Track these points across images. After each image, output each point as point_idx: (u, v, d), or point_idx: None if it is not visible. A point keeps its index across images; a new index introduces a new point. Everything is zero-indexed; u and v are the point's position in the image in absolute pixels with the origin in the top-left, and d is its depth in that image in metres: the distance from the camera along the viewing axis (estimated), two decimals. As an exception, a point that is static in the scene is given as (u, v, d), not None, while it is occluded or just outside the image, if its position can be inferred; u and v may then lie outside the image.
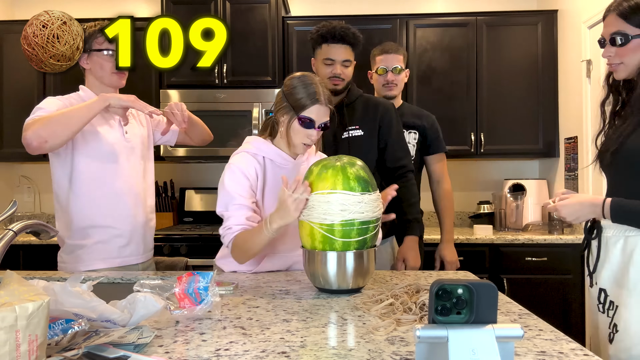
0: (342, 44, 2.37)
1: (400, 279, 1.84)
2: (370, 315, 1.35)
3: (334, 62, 2.38)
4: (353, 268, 1.59)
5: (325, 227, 1.57)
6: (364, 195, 1.57)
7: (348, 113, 2.43)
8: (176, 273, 1.98)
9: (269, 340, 1.15)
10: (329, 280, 1.60)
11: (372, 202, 1.59)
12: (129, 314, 1.18)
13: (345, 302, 1.50)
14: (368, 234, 1.59)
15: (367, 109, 2.45)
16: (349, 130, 2.42)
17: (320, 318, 1.34)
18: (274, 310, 1.41)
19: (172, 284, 1.35)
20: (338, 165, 1.61)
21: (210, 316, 1.34)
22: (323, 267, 1.59)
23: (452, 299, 0.93)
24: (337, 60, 2.37)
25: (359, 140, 2.40)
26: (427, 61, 3.90)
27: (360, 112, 2.45)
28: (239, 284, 1.75)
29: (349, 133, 2.41)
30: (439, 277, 1.85)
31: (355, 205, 1.56)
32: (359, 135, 2.41)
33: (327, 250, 1.58)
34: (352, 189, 1.57)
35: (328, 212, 1.56)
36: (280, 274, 1.91)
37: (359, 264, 1.59)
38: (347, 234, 1.56)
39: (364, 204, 1.57)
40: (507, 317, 1.34)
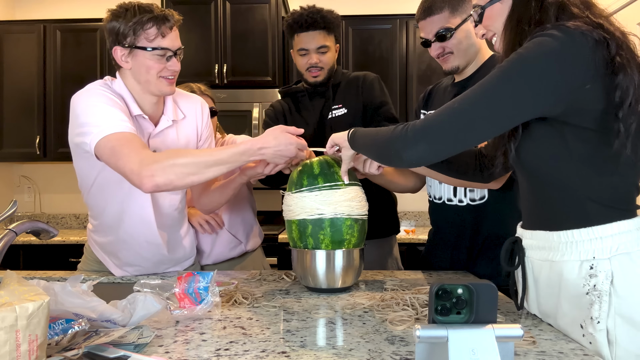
0: (313, 30, 2.25)
1: (400, 277, 1.84)
2: (372, 314, 1.35)
3: (308, 51, 2.27)
4: (341, 267, 1.60)
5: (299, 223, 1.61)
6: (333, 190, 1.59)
7: (333, 93, 2.37)
8: (176, 273, 1.98)
9: (269, 340, 1.15)
10: (318, 280, 1.61)
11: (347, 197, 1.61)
12: (129, 314, 1.18)
13: (346, 301, 1.50)
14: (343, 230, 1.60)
15: (350, 84, 2.38)
16: (332, 110, 2.35)
17: (321, 318, 1.34)
18: (274, 310, 1.41)
19: (172, 284, 1.35)
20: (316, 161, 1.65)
21: (210, 316, 1.34)
22: (312, 265, 1.60)
23: (452, 299, 0.93)
24: (311, 49, 2.27)
25: (342, 119, 2.33)
26: (427, 61, 3.90)
27: (344, 89, 2.38)
28: (239, 283, 1.75)
29: (332, 113, 2.35)
30: (439, 277, 1.85)
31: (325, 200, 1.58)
32: (342, 114, 2.34)
33: (307, 248, 1.61)
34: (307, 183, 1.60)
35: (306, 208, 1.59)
36: (281, 273, 1.91)
37: (349, 262, 1.61)
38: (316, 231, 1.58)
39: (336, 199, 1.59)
40: (507, 317, 1.34)
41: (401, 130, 1.28)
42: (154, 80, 1.72)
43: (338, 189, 1.60)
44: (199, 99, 1.97)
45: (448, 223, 1.94)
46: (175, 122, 1.85)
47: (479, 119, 1.17)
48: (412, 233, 3.74)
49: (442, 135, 1.20)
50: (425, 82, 3.89)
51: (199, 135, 1.93)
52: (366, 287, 1.70)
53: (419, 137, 1.23)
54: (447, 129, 1.20)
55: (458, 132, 1.19)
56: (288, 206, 1.64)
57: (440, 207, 1.95)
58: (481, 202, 1.85)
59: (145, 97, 1.77)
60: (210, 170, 1.58)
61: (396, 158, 1.29)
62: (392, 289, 1.64)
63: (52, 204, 4.45)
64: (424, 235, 3.62)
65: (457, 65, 1.87)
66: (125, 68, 1.74)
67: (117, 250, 1.91)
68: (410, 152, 1.25)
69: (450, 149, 1.24)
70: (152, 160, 1.56)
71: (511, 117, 1.17)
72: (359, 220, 1.62)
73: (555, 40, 1.12)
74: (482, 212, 1.85)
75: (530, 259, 1.32)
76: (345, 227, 1.58)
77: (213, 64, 3.90)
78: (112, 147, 1.58)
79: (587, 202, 1.18)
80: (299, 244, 1.63)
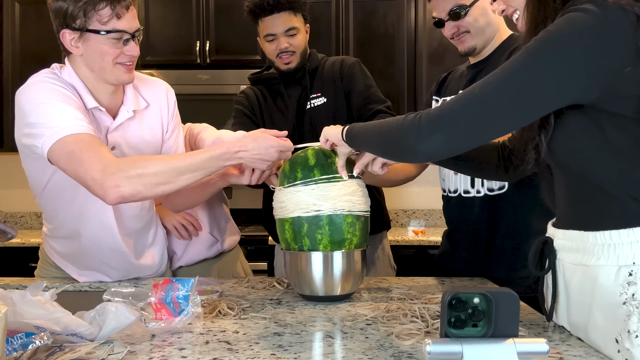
0: (278, 12, 2.27)
1: (408, 285, 1.84)
2: (375, 327, 1.35)
3: (276, 36, 2.29)
4: (341, 271, 1.60)
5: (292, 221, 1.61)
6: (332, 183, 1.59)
7: (311, 80, 2.39)
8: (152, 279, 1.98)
9: (258, 356, 1.15)
10: (314, 287, 1.61)
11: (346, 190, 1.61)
12: (98, 327, 1.18)
13: (346, 312, 1.50)
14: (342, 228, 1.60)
15: (328, 71, 2.40)
16: (311, 99, 2.37)
17: (317, 331, 1.34)
18: (264, 322, 1.41)
19: (147, 293, 1.35)
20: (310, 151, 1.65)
21: (191, 329, 1.34)
22: (307, 270, 1.60)
23: (468, 310, 0.93)
24: (278, 34, 2.29)
25: (322, 110, 2.35)
26: (438, 37, 3.89)
27: (322, 75, 2.40)
28: (224, 291, 1.75)
29: (311, 103, 2.37)
30: (452, 284, 1.86)
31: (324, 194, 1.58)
32: (322, 103, 2.37)
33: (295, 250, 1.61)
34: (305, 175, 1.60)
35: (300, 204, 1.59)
36: (272, 280, 1.91)
37: (349, 265, 1.61)
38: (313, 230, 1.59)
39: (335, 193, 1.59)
40: (530, 330, 1.34)
41: (413, 119, 1.27)
42: (109, 67, 1.70)
43: (337, 181, 1.59)
44: (163, 84, 1.96)
45: (464, 220, 1.95)
46: (136, 112, 1.84)
47: (503, 106, 1.16)
48: (421, 234, 3.75)
49: (462, 124, 1.20)
50: (436, 61, 3.89)
51: (165, 126, 1.92)
52: (369, 296, 1.70)
53: (435, 127, 1.23)
54: (467, 118, 1.19)
55: (480, 122, 1.19)
56: (280, 203, 1.64)
57: (455, 202, 1.96)
58: (500, 193, 1.86)
59: (101, 86, 1.75)
60: (182, 178, 1.59)
61: (408, 152, 1.29)
62: (399, 297, 1.64)
63: (10, 201, 4.43)
64: (435, 236, 3.62)
65: (474, 46, 1.88)
66: (76, 54, 1.71)
67: (78, 257, 1.92)
68: (425, 145, 1.24)
69: (470, 141, 1.24)
70: (116, 168, 1.56)
71: (540, 104, 1.16)
72: (361, 217, 1.62)
73: (590, 16, 1.11)
74: (500, 204, 1.87)
75: (562, 262, 1.31)
76: (346, 225, 1.58)
77: (194, 41, 3.89)
78: (70, 152, 1.57)
79: (626, 200, 1.17)
80: (293, 246, 1.63)
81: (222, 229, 2.31)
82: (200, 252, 2.24)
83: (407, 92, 3.89)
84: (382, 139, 1.39)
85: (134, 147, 1.83)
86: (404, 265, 2.90)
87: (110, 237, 1.84)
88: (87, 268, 1.93)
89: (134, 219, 1.90)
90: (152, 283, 1.50)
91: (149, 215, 1.97)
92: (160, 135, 1.90)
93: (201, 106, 3.70)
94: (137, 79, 1.85)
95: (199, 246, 2.23)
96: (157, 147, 1.91)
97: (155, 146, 1.89)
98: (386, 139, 1.37)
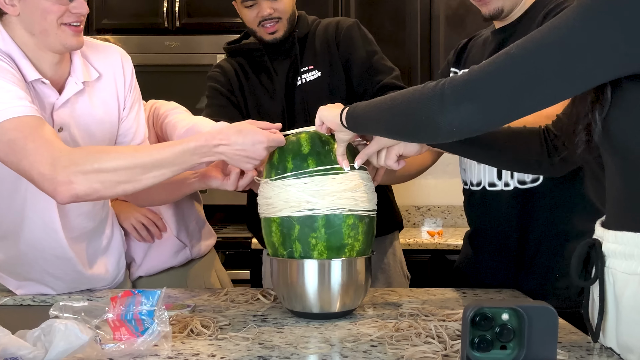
0: None
1: (422, 298, 1.84)
2: (382, 349, 1.35)
3: (256, 1, 2.29)
4: (340, 283, 1.60)
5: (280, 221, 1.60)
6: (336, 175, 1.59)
7: (301, 50, 2.38)
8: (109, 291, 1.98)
9: (240, 385, 1.15)
10: (307, 302, 1.61)
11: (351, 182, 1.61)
12: (43, 349, 1.18)
13: (346, 331, 1.51)
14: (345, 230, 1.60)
15: (321, 38, 2.39)
16: (302, 74, 2.36)
17: (311, 354, 1.34)
18: (246, 344, 1.41)
19: (103, 307, 1.35)
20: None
21: (157, 352, 1.34)
22: (299, 281, 1.61)
23: (495, 328, 0.93)
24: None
25: (317, 85, 2.34)
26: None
27: (314, 43, 2.39)
28: (197, 306, 1.75)
29: (303, 78, 2.36)
30: (476, 297, 1.86)
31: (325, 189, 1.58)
32: (315, 78, 2.36)
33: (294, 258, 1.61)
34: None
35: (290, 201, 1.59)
36: (256, 292, 1.91)
37: (351, 276, 1.61)
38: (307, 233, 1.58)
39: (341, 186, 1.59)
40: (570, 352, 1.34)
41: (434, 87, 1.26)
42: (53, 29, 1.69)
43: (336, 174, 1.59)
44: (117, 50, 1.95)
45: (490, 219, 1.95)
46: (87, 85, 1.83)
47: (552, 68, 1.14)
48: (438, 236, 3.75)
49: (496, 91, 1.18)
50: (456, 25, 3.88)
51: (122, 102, 1.92)
52: (374, 312, 1.70)
53: (462, 94, 1.21)
54: (502, 84, 1.18)
55: (518, 89, 1.17)
56: (266, 199, 1.64)
57: (479, 197, 1.96)
58: (533, 186, 1.86)
59: (44, 54, 1.74)
60: (148, 176, 1.60)
61: (429, 126, 1.27)
62: (410, 313, 1.64)
63: None
64: (455, 239, 3.63)
65: (501, 7, 1.87)
66: (11, 14, 1.69)
67: (16, 265, 1.91)
68: (450, 116, 1.22)
69: (507, 112, 1.22)
70: (69, 160, 1.55)
71: (595, 70, 1.14)
72: (365, 218, 1.62)
73: None
74: (534, 199, 1.86)
75: (612, 270, 1.30)
76: (346, 228, 1.58)
77: (160, 1, 3.87)
78: (10, 140, 1.56)
79: None
80: (282, 252, 1.62)
81: (192, 232, 2.30)
82: (165, 258, 2.24)
83: (420, 62, 3.88)
84: (393, 114, 1.38)
85: (85, 127, 1.82)
86: (417, 273, 2.91)
87: (54, 241, 1.84)
88: (26, 279, 1.92)
89: (84, 218, 1.89)
90: (109, 295, 1.50)
91: (103, 212, 1.97)
92: (116, 112, 1.90)
93: (169, 80, 3.70)
94: (86, 46, 1.84)
95: (162, 252, 2.22)
96: (113, 128, 1.90)
97: (110, 126, 1.89)
98: (399, 114, 1.36)
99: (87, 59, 1.86)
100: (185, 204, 2.29)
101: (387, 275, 2.51)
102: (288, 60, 2.37)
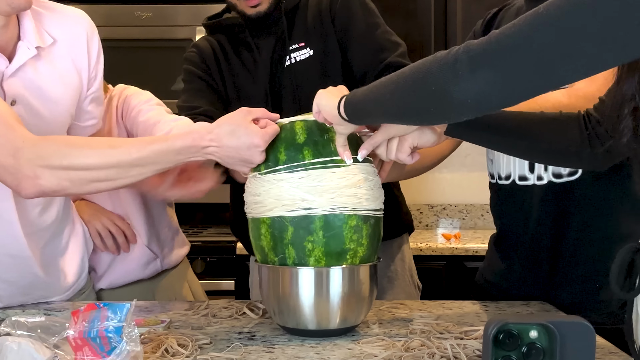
0: None
1: (434, 311, 1.84)
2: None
3: None
4: (341, 294, 1.60)
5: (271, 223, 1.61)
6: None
7: (289, 24, 2.36)
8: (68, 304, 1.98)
9: (223, 414, 1.16)
10: (302, 317, 1.62)
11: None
12: (-8, 372, 1.18)
13: (347, 351, 1.51)
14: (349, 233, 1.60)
15: (315, 8, 2.37)
16: (291, 52, 2.35)
17: (306, 378, 1.34)
18: (231, 366, 1.42)
19: (63, 323, 1.35)
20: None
21: (127, 375, 1.34)
22: (293, 293, 1.61)
23: (521, 348, 0.93)
24: None
25: (308, 66, 2.33)
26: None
27: (306, 16, 2.37)
28: (173, 321, 1.75)
29: (292, 57, 2.35)
30: (500, 311, 1.86)
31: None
32: (307, 57, 2.35)
33: (290, 265, 1.61)
34: None
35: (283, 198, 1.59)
36: (241, 305, 1.91)
37: (353, 287, 1.62)
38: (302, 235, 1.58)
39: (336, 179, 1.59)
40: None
41: (447, 53, 1.22)
42: None
43: (337, 167, 1.59)
44: (80, 16, 1.95)
45: (520, 218, 1.95)
46: (41, 51, 1.84)
47: (581, 33, 1.11)
48: (455, 240, 3.76)
49: (519, 57, 1.13)
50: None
51: (85, 75, 1.92)
52: (381, 329, 1.70)
53: (480, 61, 1.16)
54: (528, 49, 1.12)
55: (546, 56, 1.12)
56: (254, 196, 1.64)
57: (507, 193, 1.96)
58: (571, 180, 1.86)
59: None
60: (125, 175, 1.63)
61: (438, 99, 1.24)
62: (422, 330, 1.64)
63: None
64: (475, 242, 3.63)
65: None
66: None
67: None
68: (464, 85, 1.18)
69: (530, 84, 1.17)
70: (34, 153, 1.58)
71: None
72: (370, 219, 1.62)
73: None
74: (572, 196, 1.87)
75: None
76: (347, 230, 1.59)
77: (129, -38, 3.87)
78: None
79: None
80: (272, 258, 1.63)
81: (163, 241, 2.32)
82: (132, 270, 2.25)
83: (434, 36, 3.88)
84: (396, 91, 1.36)
85: (43, 100, 1.83)
86: (431, 283, 2.91)
87: (10, 237, 1.84)
88: None
89: (42, 210, 1.90)
90: (70, 309, 1.50)
91: (64, 211, 1.98)
92: (77, 84, 1.90)
93: (140, 57, 3.69)
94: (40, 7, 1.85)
95: (130, 263, 2.23)
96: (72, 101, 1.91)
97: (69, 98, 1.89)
98: (403, 89, 1.34)
99: (41, 22, 1.86)
100: (157, 209, 2.30)
101: (394, 286, 2.52)
102: (273, 37, 2.35)
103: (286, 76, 2.33)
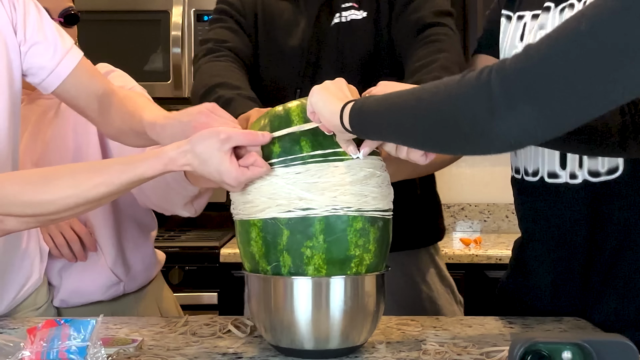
0: None
1: (450, 327, 1.85)
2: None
3: None
4: (343, 309, 1.60)
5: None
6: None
7: None
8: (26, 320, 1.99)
9: None
10: (298, 335, 1.62)
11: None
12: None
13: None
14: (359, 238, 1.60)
15: None
16: (342, 11, 2.34)
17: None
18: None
19: (18, 343, 1.35)
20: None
21: (93, 403, 1.34)
22: (287, 307, 1.61)
23: (554, 372, 0.93)
24: None
25: (358, 29, 2.32)
26: None
27: None
28: (146, 340, 1.75)
29: (342, 16, 2.35)
30: (527, 328, 1.87)
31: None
32: (358, 18, 2.33)
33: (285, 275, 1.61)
34: None
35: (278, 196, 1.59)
36: (226, 321, 1.91)
37: (357, 300, 1.62)
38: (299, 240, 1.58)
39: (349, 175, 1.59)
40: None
41: (476, 82, 1.22)
42: None
43: (340, 161, 1.59)
44: None
45: (550, 222, 1.95)
46: None
47: (635, 51, 1.12)
48: (475, 245, 3.77)
49: (564, 84, 1.14)
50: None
51: (21, 34, 1.92)
52: (388, 349, 1.71)
53: (517, 93, 1.17)
54: (573, 73, 1.14)
55: (596, 78, 1.12)
56: (243, 194, 1.64)
57: (535, 192, 1.96)
58: (610, 178, 1.86)
59: None
60: (95, 206, 1.75)
61: (476, 140, 1.25)
62: (437, 351, 1.65)
63: None
64: (498, 249, 3.64)
65: None
66: None
67: None
68: (505, 125, 1.19)
69: (580, 110, 1.18)
70: None
71: None
72: (379, 221, 1.63)
73: None
74: (611, 197, 1.87)
75: None
76: (352, 234, 1.59)
77: None
78: None
79: None
80: (264, 267, 1.63)
81: (130, 265, 2.33)
82: (89, 290, 2.26)
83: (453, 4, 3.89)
84: (419, 121, 1.36)
85: None
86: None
87: None
88: None
89: None
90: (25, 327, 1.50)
91: None
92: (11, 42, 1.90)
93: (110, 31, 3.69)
94: None
95: (88, 282, 2.24)
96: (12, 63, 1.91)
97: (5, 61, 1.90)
98: (428, 120, 1.34)
99: None
100: (128, 228, 2.30)
101: (438, 307, 2.48)
102: None
103: (331, 36, 2.32)
